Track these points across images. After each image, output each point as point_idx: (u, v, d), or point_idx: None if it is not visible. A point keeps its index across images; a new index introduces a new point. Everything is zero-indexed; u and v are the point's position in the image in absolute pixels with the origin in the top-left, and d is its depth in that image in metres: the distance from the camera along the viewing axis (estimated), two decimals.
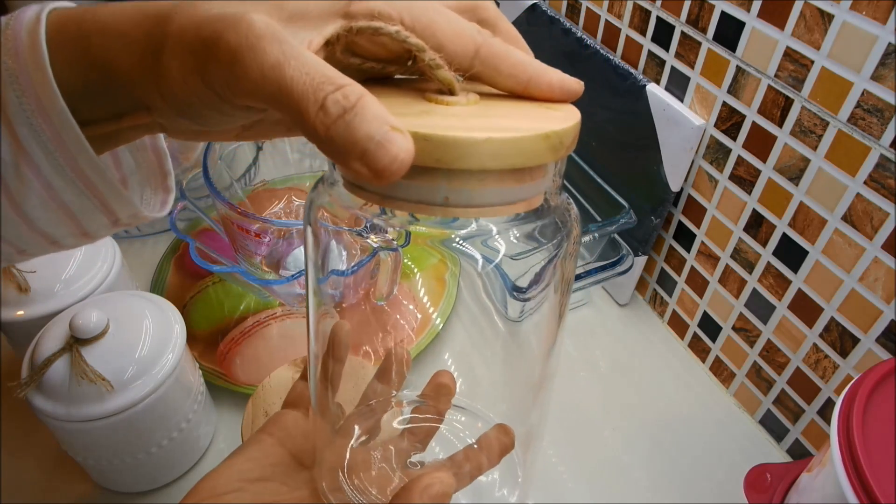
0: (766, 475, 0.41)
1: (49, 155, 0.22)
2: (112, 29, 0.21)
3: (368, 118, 0.18)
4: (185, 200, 0.55)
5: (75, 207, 0.23)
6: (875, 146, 0.38)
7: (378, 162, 0.17)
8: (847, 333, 0.43)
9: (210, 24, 0.19)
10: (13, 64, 0.20)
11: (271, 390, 0.38)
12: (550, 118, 0.22)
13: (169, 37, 0.19)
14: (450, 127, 0.19)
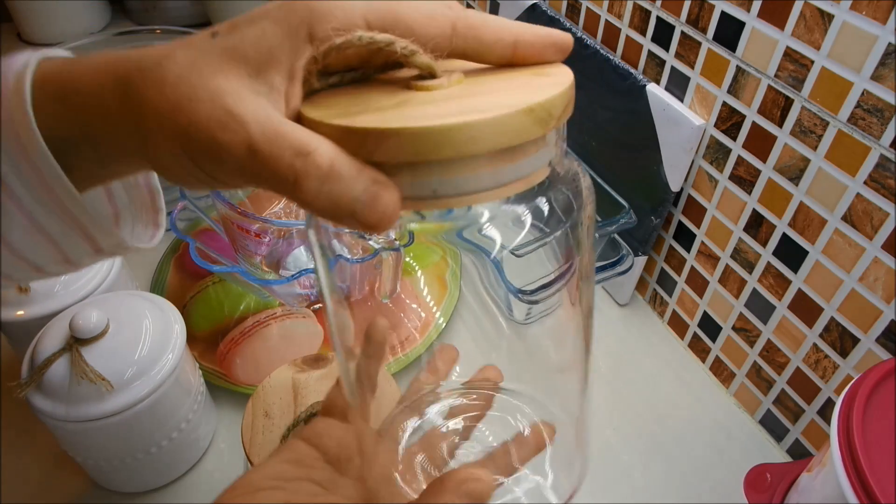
0: (765, 475, 0.41)
1: (31, 191, 0.22)
2: (87, 92, 0.21)
3: (347, 181, 0.18)
4: (185, 200, 0.55)
5: (57, 236, 0.24)
6: (875, 146, 0.38)
7: (368, 219, 0.18)
8: (847, 333, 0.43)
9: (183, 108, 0.19)
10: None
11: (271, 390, 0.38)
12: (538, 87, 0.21)
13: (147, 118, 0.20)
14: (424, 116, 0.18)
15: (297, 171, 0.18)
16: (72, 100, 0.21)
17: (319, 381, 0.39)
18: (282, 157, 0.18)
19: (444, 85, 0.21)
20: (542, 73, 0.22)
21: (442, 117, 0.18)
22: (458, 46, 0.21)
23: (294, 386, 0.38)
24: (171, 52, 0.20)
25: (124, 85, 0.20)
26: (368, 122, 0.18)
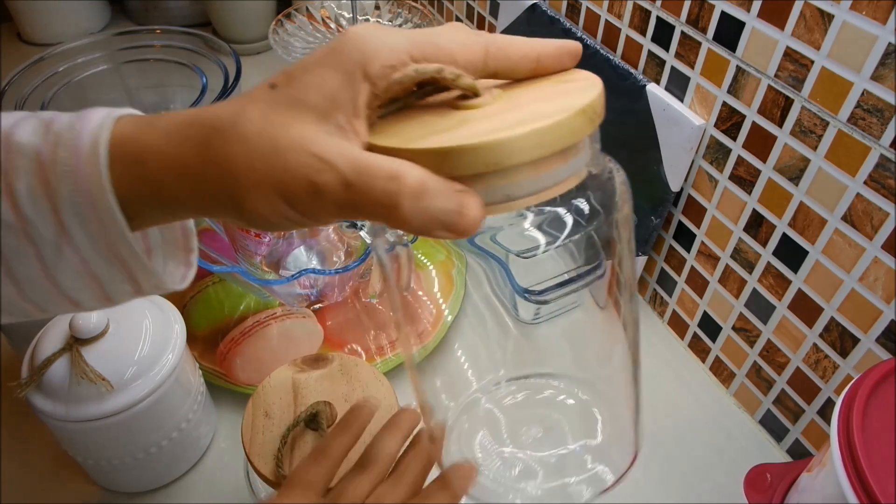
0: (766, 475, 0.41)
1: (92, 242, 0.23)
2: (166, 156, 0.23)
3: (438, 195, 0.21)
4: None
5: (105, 279, 0.25)
6: (875, 146, 0.38)
7: (458, 228, 0.21)
8: (847, 333, 0.43)
9: (273, 160, 0.21)
10: (71, 159, 0.22)
11: (271, 390, 0.38)
12: (575, 91, 0.23)
13: (238, 175, 0.22)
14: (493, 130, 0.20)
15: (392, 194, 0.20)
16: (150, 164, 0.23)
17: (319, 381, 0.39)
18: (376, 185, 0.20)
19: (489, 102, 0.23)
20: (567, 79, 0.24)
21: (511, 128, 0.20)
22: (490, 67, 0.24)
23: (294, 386, 0.38)
24: (241, 110, 0.22)
25: (205, 147, 0.22)
26: (445, 142, 0.20)
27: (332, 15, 0.83)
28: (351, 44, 0.22)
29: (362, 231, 0.46)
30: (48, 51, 0.70)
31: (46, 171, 0.22)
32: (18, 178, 0.23)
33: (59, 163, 0.22)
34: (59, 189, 0.22)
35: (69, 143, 0.22)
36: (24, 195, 0.23)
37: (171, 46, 0.75)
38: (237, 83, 0.67)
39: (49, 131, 0.23)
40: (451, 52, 0.23)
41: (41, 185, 0.22)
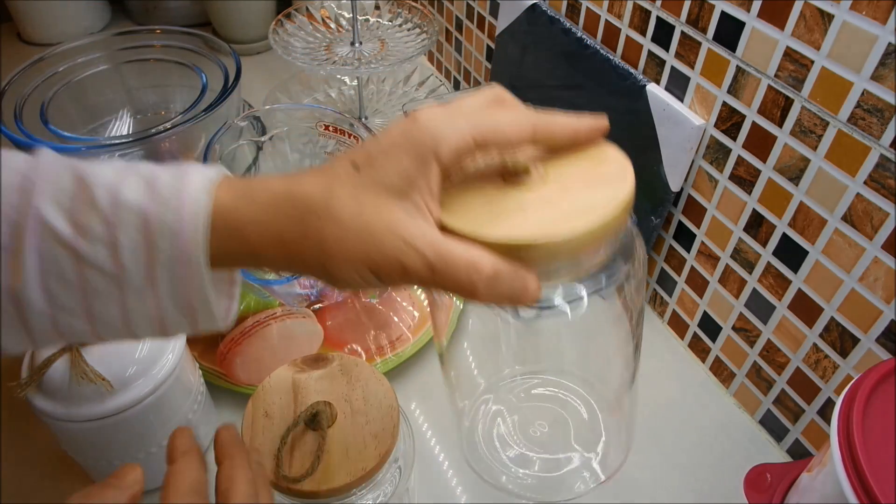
0: (766, 475, 0.41)
1: (174, 294, 0.26)
2: (269, 232, 0.26)
3: (507, 280, 0.25)
4: None
5: (171, 323, 0.27)
6: (875, 146, 0.38)
7: (520, 303, 0.25)
8: (847, 333, 0.43)
9: (367, 242, 0.25)
10: (176, 223, 0.25)
11: (271, 390, 0.38)
12: (613, 177, 0.27)
13: (332, 251, 0.25)
14: (552, 224, 0.25)
15: (473, 282, 0.24)
16: (248, 234, 0.26)
17: (319, 381, 0.39)
18: (458, 273, 0.24)
19: (538, 180, 0.27)
20: (601, 158, 0.29)
21: (566, 223, 0.24)
22: (536, 141, 0.28)
23: (294, 386, 0.38)
24: (332, 190, 0.25)
25: (301, 224, 0.25)
26: (513, 236, 0.25)
27: (332, 15, 0.83)
28: (423, 130, 0.25)
29: None
30: (48, 51, 0.70)
31: (151, 229, 0.25)
32: (123, 231, 0.25)
33: (164, 223, 0.25)
34: (159, 246, 0.25)
35: (174, 207, 0.25)
36: (126, 247, 0.25)
37: (171, 46, 0.75)
38: (237, 83, 0.67)
39: (154, 191, 0.25)
40: (506, 134, 0.26)
41: (144, 240, 0.25)
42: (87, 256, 0.25)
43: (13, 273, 0.25)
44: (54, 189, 0.25)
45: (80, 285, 0.25)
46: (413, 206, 0.25)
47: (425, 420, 0.54)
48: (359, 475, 0.34)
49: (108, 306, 0.26)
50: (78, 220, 0.25)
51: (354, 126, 0.59)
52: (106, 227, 0.25)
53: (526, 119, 0.27)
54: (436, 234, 0.25)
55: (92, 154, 0.62)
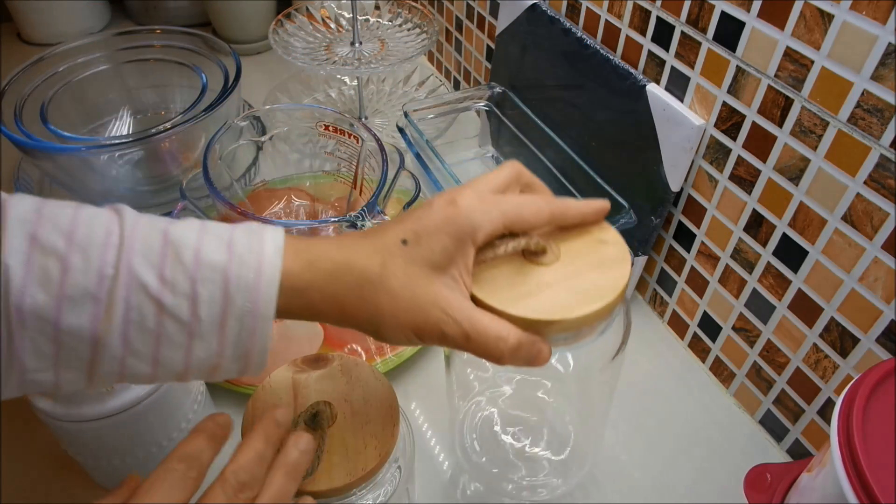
0: (766, 475, 0.41)
1: (236, 345, 0.29)
2: (330, 296, 0.30)
3: (527, 349, 0.30)
4: (185, 201, 0.55)
5: (225, 370, 0.30)
6: (875, 146, 0.38)
7: (534, 366, 0.31)
8: (847, 333, 0.43)
9: (414, 312, 0.30)
10: (253, 281, 0.29)
11: (271, 390, 0.38)
12: (614, 261, 0.33)
13: (384, 316, 0.30)
14: (565, 303, 0.31)
15: (500, 349, 0.30)
16: (312, 296, 0.30)
17: (320, 381, 0.39)
18: (489, 342, 0.30)
19: (553, 260, 0.33)
20: (602, 238, 0.34)
21: (577, 304, 0.31)
22: (552, 223, 0.34)
23: (294, 386, 0.38)
24: (385, 264, 0.30)
25: (359, 291, 0.30)
26: (533, 313, 0.30)
27: (332, 15, 0.83)
28: (463, 217, 0.30)
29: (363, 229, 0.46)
30: (48, 51, 0.70)
31: (229, 285, 0.28)
32: (203, 286, 0.28)
33: (242, 280, 0.28)
34: (235, 300, 0.28)
35: (253, 266, 0.29)
36: (205, 300, 0.28)
37: (171, 46, 0.75)
38: (237, 83, 0.67)
39: (232, 251, 0.29)
40: (529, 221, 0.32)
41: (222, 295, 0.28)
42: (169, 307, 0.28)
43: (101, 321, 0.27)
44: (144, 247, 0.28)
45: (157, 333, 0.28)
46: (452, 279, 0.30)
47: (425, 420, 0.54)
48: (359, 475, 0.34)
49: (175, 353, 0.29)
50: (164, 274, 0.28)
51: (354, 126, 0.59)
52: (189, 281, 0.28)
53: (545, 206, 0.32)
54: (471, 307, 0.30)
55: (92, 154, 0.62)
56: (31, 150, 0.60)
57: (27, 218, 0.27)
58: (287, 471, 0.31)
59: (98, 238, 0.28)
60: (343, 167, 0.62)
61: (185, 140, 0.66)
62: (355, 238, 0.31)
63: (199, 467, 0.30)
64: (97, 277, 0.27)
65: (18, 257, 0.26)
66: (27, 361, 0.27)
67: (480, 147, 0.81)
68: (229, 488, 0.29)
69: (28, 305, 0.26)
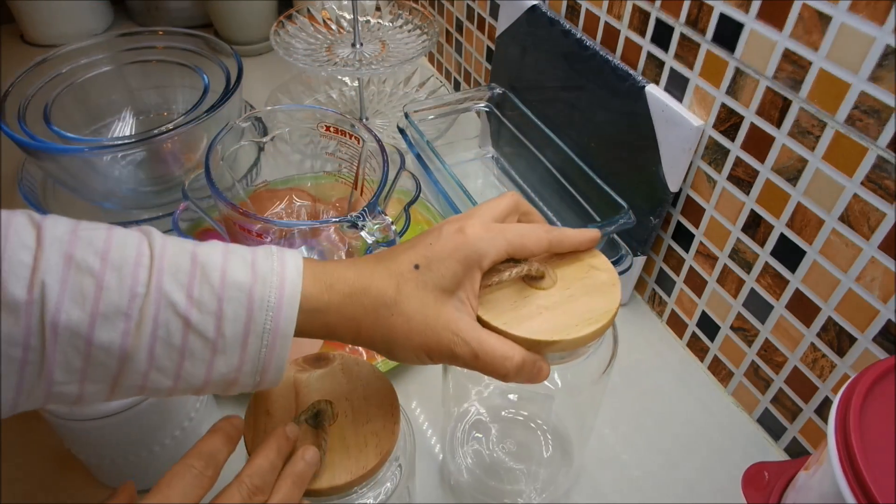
0: (763, 473, 0.41)
1: (255, 360, 0.31)
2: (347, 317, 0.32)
3: (529, 367, 0.33)
4: (187, 201, 0.55)
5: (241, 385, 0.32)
6: (872, 147, 0.38)
7: (535, 382, 0.34)
8: (844, 333, 0.44)
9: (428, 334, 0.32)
10: (275, 301, 0.30)
11: (273, 389, 0.39)
12: (605, 286, 0.36)
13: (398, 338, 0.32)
14: (564, 325, 0.33)
15: (506, 368, 0.32)
16: (330, 317, 0.32)
17: (321, 380, 0.39)
18: (495, 361, 0.32)
19: (551, 284, 0.36)
20: (594, 265, 0.37)
21: (574, 327, 0.33)
22: (550, 251, 0.36)
23: (295, 385, 0.39)
24: (399, 287, 0.32)
25: (375, 314, 0.32)
26: (535, 334, 0.33)
27: (333, 16, 0.83)
28: (471, 244, 0.33)
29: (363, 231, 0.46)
30: (51, 52, 0.71)
31: (253, 304, 0.30)
32: (229, 304, 0.30)
33: (265, 300, 0.30)
34: (258, 318, 0.30)
35: (275, 287, 0.31)
36: (230, 318, 0.30)
37: (174, 48, 0.75)
38: (239, 84, 0.67)
39: (255, 272, 0.31)
40: (530, 248, 0.34)
41: (246, 313, 0.30)
42: (195, 324, 0.29)
43: (131, 336, 0.29)
44: (173, 267, 0.30)
45: (182, 349, 0.30)
46: (460, 302, 0.33)
47: (426, 419, 0.54)
48: (360, 474, 0.34)
49: (197, 368, 0.30)
50: (192, 293, 0.30)
51: (355, 127, 0.59)
52: (216, 300, 0.30)
53: (545, 235, 0.35)
54: (479, 328, 0.33)
55: (95, 154, 0.62)
56: (34, 151, 0.60)
57: (63, 238, 0.29)
58: (294, 479, 0.33)
59: (130, 258, 0.29)
60: (344, 168, 0.62)
61: (188, 141, 0.66)
62: (370, 262, 0.33)
63: (215, 466, 0.32)
64: (129, 295, 0.29)
65: (55, 275, 0.28)
66: (56, 374, 0.28)
67: (480, 148, 0.81)
68: (245, 490, 0.31)
69: (63, 321, 0.27)
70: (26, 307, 0.27)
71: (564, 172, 0.63)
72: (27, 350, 0.27)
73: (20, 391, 0.28)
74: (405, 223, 0.53)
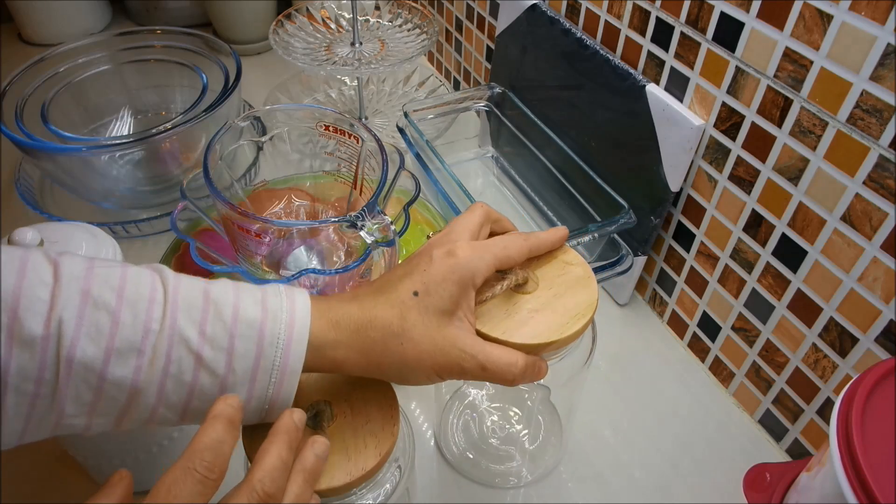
0: (765, 475, 0.41)
1: (262, 398, 0.32)
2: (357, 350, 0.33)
3: (530, 369, 0.35)
4: (185, 200, 0.55)
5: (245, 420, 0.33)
6: (874, 146, 0.38)
7: (535, 381, 0.36)
8: (846, 333, 0.43)
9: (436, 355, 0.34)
10: (284, 338, 0.31)
11: None
12: (582, 280, 0.39)
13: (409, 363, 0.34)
14: (559, 324, 0.36)
15: (513, 374, 0.34)
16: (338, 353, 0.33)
17: (319, 380, 0.39)
18: (501, 369, 0.34)
19: (533, 288, 0.38)
20: (568, 260, 0.40)
21: (566, 324, 0.36)
22: (529, 256, 0.38)
23: None
24: (403, 315, 0.33)
25: (384, 344, 0.33)
26: (533, 338, 0.35)
27: (332, 15, 0.83)
28: (463, 266, 0.34)
29: (362, 231, 0.46)
30: (49, 51, 0.70)
31: (264, 340, 0.31)
32: (241, 341, 0.31)
33: (275, 336, 0.31)
34: (268, 354, 0.31)
35: (285, 323, 0.32)
36: (241, 354, 0.31)
37: (172, 47, 0.75)
38: (237, 83, 0.67)
39: (266, 309, 0.32)
40: (514, 257, 0.36)
41: (256, 349, 0.31)
42: (207, 360, 0.30)
43: (143, 372, 0.29)
44: (187, 304, 0.30)
45: (191, 385, 0.30)
46: (459, 321, 0.34)
47: (425, 420, 0.54)
48: (359, 475, 0.34)
49: (204, 404, 0.30)
50: (205, 330, 0.30)
51: (354, 126, 0.59)
52: (228, 337, 0.30)
53: (524, 242, 0.37)
54: (481, 341, 0.34)
55: (93, 154, 0.62)
56: (31, 150, 0.60)
57: (80, 275, 0.29)
58: (305, 477, 0.30)
59: (145, 295, 0.30)
60: (343, 167, 0.62)
61: (186, 140, 0.66)
62: (371, 295, 0.35)
63: (220, 464, 0.28)
64: (143, 331, 0.29)
65: (72, 311, 0.28)
66: (67, 408, 0.29)
67: (480, 147, 0.81)
68: (255, 498, 0.28)
69: (78, 356, 0.28)
70: (42, 342, 0.27)
71: (564, 172, 0.63)
72: (40, 384, 0.28)
73: (29, 422, 0.29)
74: (404, 223, 0.53)
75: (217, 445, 0.28)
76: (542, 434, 0.52)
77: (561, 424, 0.52)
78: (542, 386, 0.49)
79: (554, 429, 0.52)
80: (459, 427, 0.52)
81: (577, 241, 0.53)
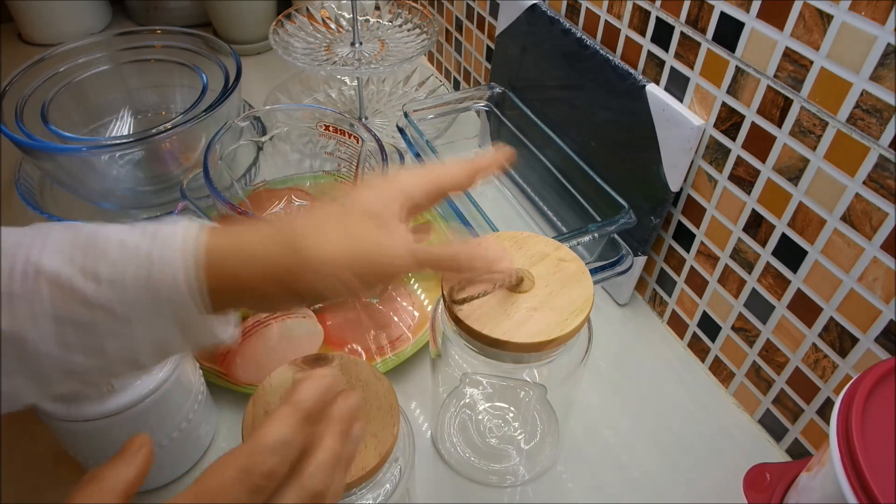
0: (765, 475, 0.41)
1: (179, 324, 0.29)
2: (257, 259, 0.29)
3: (491, 253, 0.35)
4: (185, 200, 0.55)
5: (175, 349, 0.31)
6: (874, 146, 0.38)
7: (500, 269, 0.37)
8: (846, 333, 0.43)
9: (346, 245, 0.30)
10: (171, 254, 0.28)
11: (271, 390, 0.39)
12: (578, 274, 0.39)
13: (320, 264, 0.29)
14: (558, 322, 0.36)
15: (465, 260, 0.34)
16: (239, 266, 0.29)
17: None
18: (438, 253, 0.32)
19: (531, 286, 0.38)
20: (562, 258, 0.40)
21: (565, 321, 0.36)
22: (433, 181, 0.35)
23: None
24: (318, 219, 0.31)
25: (292, 248, 0.29)
26: (535, 336, 0.36)
27: (332, 15, 0.83)
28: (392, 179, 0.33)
29: None
30: (49, 51, 0.70)
31: (153, 265, 0.28)
32: (128, 271, 0.28)
33: (164, 258, 0.28)
34: (157, 277, 0.28)
35: (171, 246, 0.28)
36: (131, 285, 0.28)
37: (172, 47, 0.75)
38: (237, 83, 0.67)
39: (155, 237, 0.29)
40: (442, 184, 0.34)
41: (146, 275, 0.28)
42: (95, 299, 0.27)
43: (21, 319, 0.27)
44: (59, 245, 0.28)
45: (90, 327, 0.28)
46: (385, 223, 0.31)
47: (425, 420, 0.54)
48: (359, 475, 0.34)
49: (117, 342, 0.28)
50: (86, 269, 0.27)
51: (354, 126, 0.59)
52: (112, 268, 0.28)
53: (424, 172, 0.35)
54: (409, 236, 0.32)
55: (93, 154, 0.62)
56: (31, 150, 0.60)
57: None
58: (343, 465, 0.29)
59: (11, 241, 0.28)
60: (343, 167, 0.62)
61: (186, 140, 0.66)
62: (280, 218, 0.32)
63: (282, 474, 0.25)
64: (21, 277, 0.27)
65: None
66: None
67: (480, 147, 0.81)
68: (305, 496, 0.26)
69: None
70: None
71: (564, 172, 0.63)
72: None
73: None
74: None
75: (283, 448, 0.25)
76: (538, 432, 0.52)
77: (558, 423, 0.52)
78: (539, 384, 0.49)
79: (551, 427, 0.52)
80: (456, 426, 0.52)
81: (577, 241, 0.53)
